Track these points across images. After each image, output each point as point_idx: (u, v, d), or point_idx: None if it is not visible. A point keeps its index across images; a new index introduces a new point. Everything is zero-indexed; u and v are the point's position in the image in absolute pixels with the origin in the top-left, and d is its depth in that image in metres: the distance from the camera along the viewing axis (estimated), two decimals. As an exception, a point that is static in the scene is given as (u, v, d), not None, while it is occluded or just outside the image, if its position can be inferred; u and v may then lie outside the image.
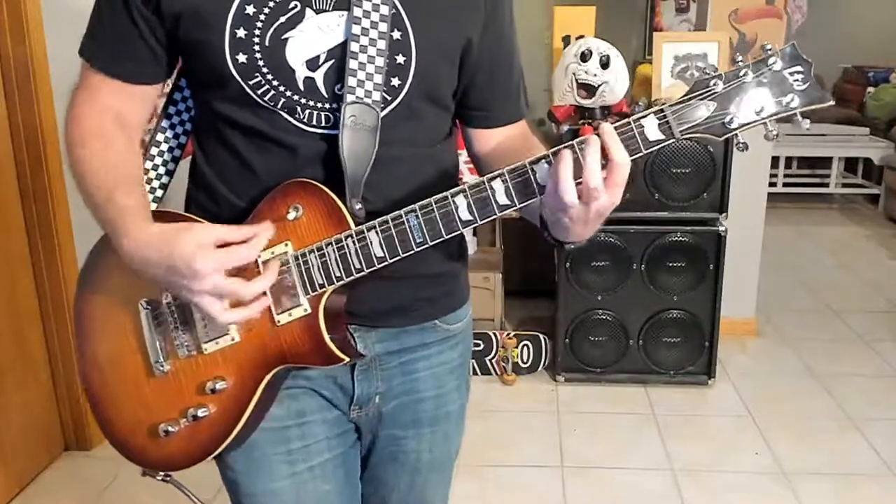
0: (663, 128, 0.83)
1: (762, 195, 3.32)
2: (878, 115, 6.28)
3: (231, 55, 0.87)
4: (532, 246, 3.52)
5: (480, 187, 0.85)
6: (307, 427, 1.02)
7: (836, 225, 5.49)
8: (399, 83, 0.92)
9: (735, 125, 0.82)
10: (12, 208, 2.30)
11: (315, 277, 0.89)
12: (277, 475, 1.02)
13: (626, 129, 0.82)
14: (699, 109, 0.82)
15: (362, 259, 0.88)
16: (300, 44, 0.88)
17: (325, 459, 1.04)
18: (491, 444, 2.60)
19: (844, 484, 2.36)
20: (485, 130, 1.06)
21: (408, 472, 1.11)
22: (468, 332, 1.14)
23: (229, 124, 0.94)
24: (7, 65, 2.23)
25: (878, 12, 7.22)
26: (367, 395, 1.04)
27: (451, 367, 1.10)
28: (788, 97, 0.82)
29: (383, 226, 0.87)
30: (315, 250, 0.89)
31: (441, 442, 1.12)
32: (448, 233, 0.87)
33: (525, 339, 3.08)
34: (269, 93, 0.90)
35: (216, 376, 0.93)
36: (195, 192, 1.01)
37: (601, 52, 2.66)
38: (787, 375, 3.09)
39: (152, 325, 0.95)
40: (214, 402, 0.94)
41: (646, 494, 2.33)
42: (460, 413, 1.15)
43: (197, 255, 0.82)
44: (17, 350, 2.32)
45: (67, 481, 2.41)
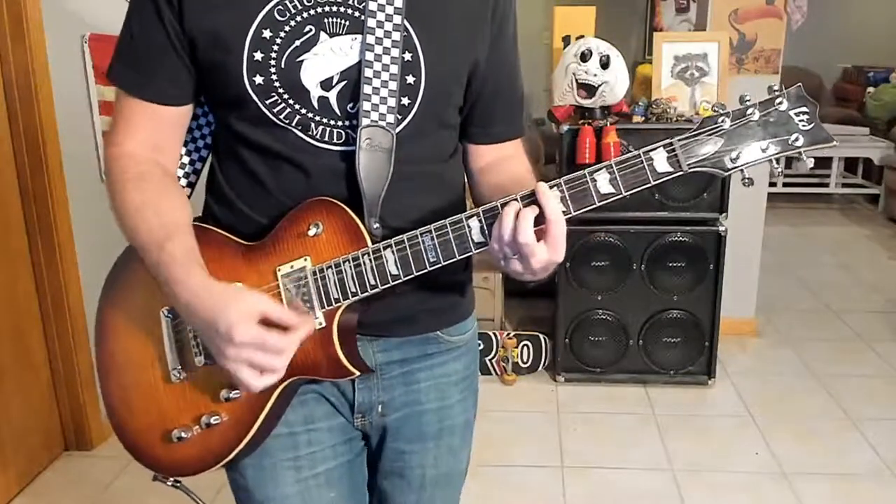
0: (671, 161, 0.87)
1: (762, 195, 3.32)
2: (878, 115, 6.28)
3: (248, 76, 0.91)
4: (532, 246, 3.53)
5: (494, 211, 0.87)
6: (314, 434, 1.03)
7: (836, 225, 5.49)
8: (409, 102, 0.95)
9: (740, 162, 0.87)
10: (12, 208, 2.30)
11: (331, 292, 0.92)
12: (284, 482, 1.03)
13: (635, 160, 0.87)
14: (707, 145, 0.86)
15: (377, 275, 0.91)
16: (315, 66, 0.92)
17: (331, 467, 1.05)
18: (491, 444, 2.60)
19: (844, 484, 2.36)
20: (482, 146, 1.09)
21: (414, 489, 1.12)
22: (473, 344, 1.14)
23: (245, 143, 0.97)
24: (7, 66, 2.23)
25: (878, 12, 7.21)
26: (368, 404, 1.05)
27: (455, 380, 1.11)
28: (793, 136, 0.86)
29: (399, 244, 0.90)
30: (332, 266, 0.92)
31: (446, 456, 1.12)
32: (461, 253, 0.90)
33: (525, 339, 3.08)
34: (285, 111, 0.93)
35: (230, 385, 0.94)
36: (214, 204, 1.03)
37: (601, 52, 2.66)
38: (787, 375, 3.09)
39: (172, 333, 0.98)
40: (227, 410, 0.96)
41: (646, 494, 2.33)
42: (466, 427, 1.15)
43: (239, 327, 0.84)
44: (17, 350, 2.32)
45: (67, 481, 2.41)
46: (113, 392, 1.03)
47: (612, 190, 0.88)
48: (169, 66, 0.95)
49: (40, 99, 2.27)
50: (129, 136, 0.98)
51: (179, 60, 0.94)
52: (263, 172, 0.97)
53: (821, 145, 0.87)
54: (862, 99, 6.63)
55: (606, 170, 0.87)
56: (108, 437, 2.62)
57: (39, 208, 2.34)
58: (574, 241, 2.84)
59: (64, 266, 2.39)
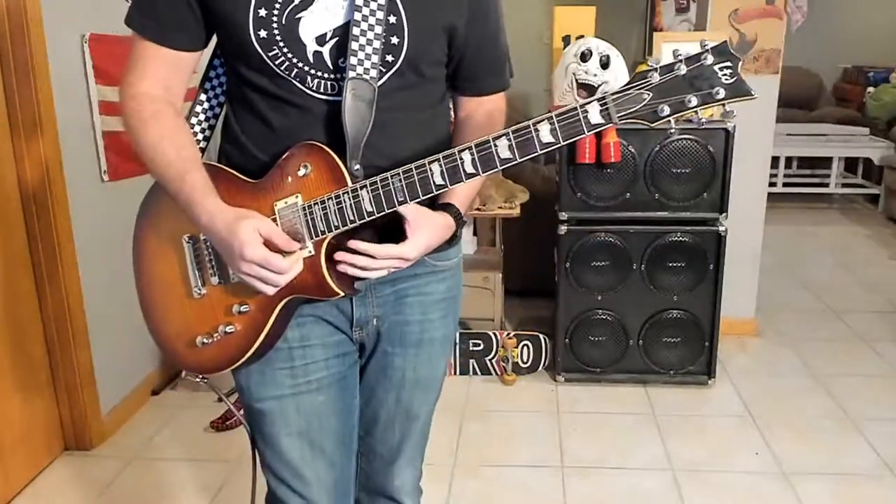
0: (604, 113, 0.96)
1: (762, 195, 3.32)
2: (878, 115, 6.28)
3: (254, 31, 1.05)
4: (532, 246, 3.53)
5: (452, 157, 1.02)
6: (309, 349, 1.20)
7: (836, 225, 5.49)
8: (393, 59, 1.09)
9: (665, 113, 0.94)
10: (12, 208, 2.30)
11: (318, 225, 1.07)
12: (281, 385, 1.20)
13: (573, 113, 0.96)
14: (636, 98, 0.95)
15: (355, 212, 1.05)
16: (311, 22, 1.06)
17: (322, 376, 1.22)
18: (491, 444, 2.60)
19: (844, 484, 2.36)
20: (467, 98, 1.25)
21: (395, 387, 1.29)
22: (457, 270, 1.30)
23: (253, 88, 1.12)
24: (7, 65, 2.23)
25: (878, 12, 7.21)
26: (365, 318, 1.22)
27: (437, 299, 1.26)
28: (716, 89, 0.93)
29: (373, 185, 1.04)
30: (319, 203, 1.06)
31: (425, 364, 1.29)
32: (424, 194, 1.04)
33: (525, 339, 3.08)
34: (285, 63, 1.07)
35: (241, 300, 1.13)
36: (226, 146, 1.19)
37: (601, 52, 2.66)
38: (787, 375, 3.09)
39: (192, 256, 1.16)
40: (240, 321, 1.14)
41: (646, 494, 2.33)
42: (445, 341, 1.32)
43: (248, 247, 1.02)
44: (17, 350, 2.32)
45: (67, 481, 2.41)
46: (150, 304, 1.22)
47: (552, 139, 0.97)
48: (183, 16, 1.09)
49: (40, 99, 2.27)
50: (144, 77, 1.12)
51: (191, 12, 1.09)
52: (270, 115, 1.12)
53: (742, 97, 0.93)
54: (862, 99, 6.63)
55: (548, 121, 0.97)
56: (108, 437, 2.62)
57: (39, 208, 2.34)
58: (574, 241, 2.84)
59: (64, 266, 2.39)
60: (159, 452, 2.53)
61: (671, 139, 2.73)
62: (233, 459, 2.47)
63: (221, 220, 1.05)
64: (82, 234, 2.45)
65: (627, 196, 2.80)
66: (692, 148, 2.75)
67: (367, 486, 1.39)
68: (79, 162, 2.46)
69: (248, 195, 1.11)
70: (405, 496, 1.40)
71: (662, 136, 2.73)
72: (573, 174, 2.79)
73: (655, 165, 2.76)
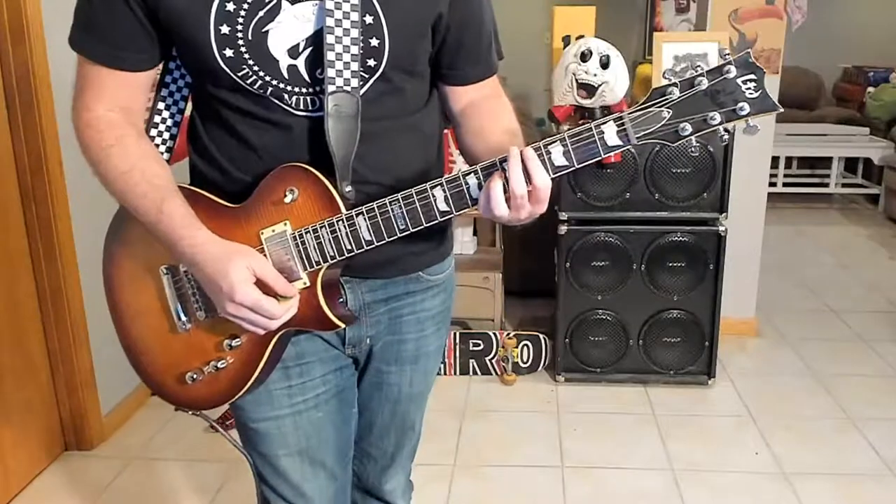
0: (621, 135, 0.89)
1: (762, 195, 3.32)
2: (878, 115, 6.28)
3: (218, 51, 0.94)
4: (532, 246, 3.53)
5: (456, 181, 0.94)
6: (306, 367, 1.14)
7: (836, 225, 5.49)
8: (375, 63, 0.99)
9: (687, 132, 0.88)
10: (12, 208, 2.30)
11: (311, 255, 0.99)
12: (278, 405, 1.15)
13: (587, 134, 0.90)
14: (656, 117, 0.89)
15: (352, 241, 0.98)
16: (280, 35, 0.95)
17: (320, 392, 1.16)
18: (491, 444, 2.60)
19: (844, 484, 2.36)
20: (457, 87, 1.14)
21: (390, 401, 1.26)
22: (450, 282, 1.25)
23: (225, 106, 1.01)
24: (7, 65, 2.23)
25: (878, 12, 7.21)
26: (358, 338, 1.17)
27: (432, 314, 1.22)
28: (740, 105, 0.87)
29: (370, 212, 0.96)
30: (311, 231, 0.98)
31: (421, 377, 1.26)
32: (427, 221, 0.96)
33: (525, 339, 3.08)
34: (258, 82, 0.97)
35: (232, 334, 1.04)
36: (199, 162, 1.08)
37: (601, 52, 2.66)
38: (787, 375, 3.09)
39: (173, 289, 1.07)
40: (232, 355, 1.06)
41: (646, 494, 2.33)
42: (438, 351, 1.28)
43: (239, 288, 0.94)
44: (17, 350, 2.32)
45: (67, 481, 2.41)
46: (127, 337, 1.13)
47: (566, 162, 0.91)
48: (132, 34, 0.97)
49: (40, 99, 2.27)
50: (99, 100, 1.01)
51: (142, 29, 0.97)
52: (248, 133, 1.02)
53: (767, 113, 0.88)
54: (862, 99, 6.63)
55: (560, 143, 0.90)
56: (108, 437, 2.62)
57: (39, 208, 2.34)
58: (574, 241, 2.84)
59: (64, 266, 2.39)
60: (159, 453, 2.53)
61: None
62: (232, 460, 2.46)
63: (208, 254, 0.96)
64: (82, 234, 2.45)
65: (627, 196, 2.80)
66: (692, 148, 2.74)
67: (359, 485, 1.38)
68: (79, 162, 2.42)
69: (229, 222, 1.01)
70: (398, 498, 1.39)
71: (662, 136, 2.73)
72: (573, 174, 2.78)
73: (655, 165, 2.76)
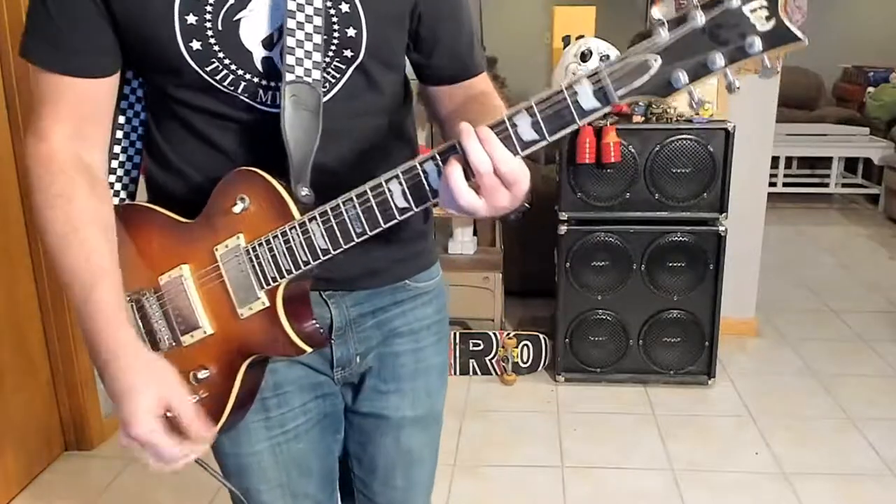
0: (598, 94, 0.73)
1: (762, 195, 3.32)
2: (878, 115, 6.28)
3: (184, 42, 0.84)
4: (532, 246, 3.53)
5: (413, 171, 0.81)
6: (283, 397, 1.04)
7: (836, 225, 5.49)
8: (352, 54, 0.90)
9: (682, 82, 0.70)
10: (12, 208, 2.30)
11: (267, 271, 0.88)
12: (256, 439, 1.05)
13: (558, 97, 0.74)
14: (640, 67, 0.70)
15: (307, 251, 0.86)
16: (253, 23, 0.86)
17: (300, 423, 1.06)
18: (491, 444, 2.60)
19: (844, 484, 2.36)
20: (442, 88, 1.06)
21: (392, 428, 1.13)
22: (440, 290, 1.15)
23: (188, 107, 0.91)
24: (7, 66, 2.23)
25: (878, 12, 7.22)
26: (347, 357, 1.06)
27: (428, 324, 1.12)
28: (749, 40, 0.67)
29: (323, 216, 0.85)
30: (264, 243, 0.88)
31: (423, 398, 1.14)
32: (386, 221, 0.83)
33: (525, 339, 3.08)
34: (228, 77, 0.87)
35: (199, 365, 0.94)
36: (158, 173, 0.98)
37: (601, 52, 2.66)
38: (787, 375, 3.09)
39: (137, 317, 0.96)
40: (202, 388, 0.95)
41: (646, 494, 2.33)
42: (441, 369, 1.16)
43: (135, 422, 0.84)
44: (17, 350, 2.32)
45: (67, 481, 2.41)
46: None
47: (535, 136, 0.75)
48: (90, 32, 0.86)
49: (40, 99, 2.27)
50: (55, 122, 0.89)
51: (100, 23, 0.85)
52: (213, 134, 0.92)
53: (787, 45, 0.67)
54: (862, 99, 6.63)
55: (527, 111, 0.75)
56: (108, 437, 2.62)
57: (39, 208, 2.33)
58: (574, 241, 2.84)
59: (64, 266, 2.39)
60: (159, 452, 2.53)
61: (671, 139, 2.73)
62: (233, 459, 2.46)
63: (121, 366, 0.86)
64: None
65: (627, 196, 2.80)
66: (692, 148, 2.75)
67: None
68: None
69: (184, 241, 0.92)
70: None
71: (663, 136, 2.73)
72: (573, 174, 2.79)
73: (655, 165, 2.76)
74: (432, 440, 1.20)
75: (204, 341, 0.94)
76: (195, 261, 0.92)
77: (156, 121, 0.96)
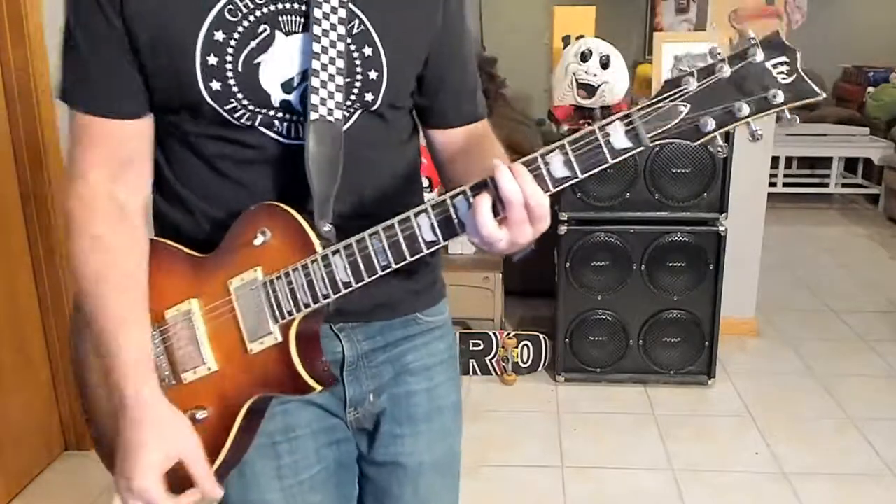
0: (630, 135, 0.76)
1: (762, 195, 3.32)
2: (878, 115, 6.28)
3: (204, 83, 0.86)
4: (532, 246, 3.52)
5: (443, 206, 0.81)
6: (296, 442, 1.00)
7: (836, 225, 5.49)
8: (373, 98, 0.92)
9: (710, 128, 0.76)
10: (12, 208, 2.30)
11: (283, 304, 0.87)
12: (267, 489, 1.01)
13: (591, 138, 0.77)
14: (670, 112, 0.76)
15: (328, 284, 0.85)
16: (273, 67, 0.87)
17: (315, 472, 1.02)
18: (491, 444, 2.60)
19: (844, 484, 2.36)
20: (444, 132, 1.06)
21: (410, 477, 1.09)
22: (449, 327, 1.13)
23: (203, 138, 0.91)
24: (7, 66, 2.23)
25: (878, 12, 7.21)
26: (360, 396, 1.03)
27: (441, 360, 1.10)
28: (772, 93, 0.73)
29: (348, 249, 0.84)
30: (283, 276, 0.87)
31: (439, 440, 1.10)
32: (412, 255, 0.83)
33: (525, 339, 3.08)
34: (245, 115, 0.89)
35: (197, 406, 0.91)
36: (166, 206, 0.98)
37: (601, 52, 2.66)
38: (787, 375, 3.09)
39: None
40: (198, 430, 0.91)
41: (646, 494, 2.33)
42: (456, 409, 1.13)
43: (137, 479, 0.85)
44: (17, 350, 2.32)
45: (67, 481, 2.41)
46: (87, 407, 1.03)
47: (567, 173, 0.78)
48: (125, 77, 0.88)
49: (40, 99, 2.27)
50: (94, 166, 0.91)
51: (132, 67, 0.88)
52: (229, 168, 0.92)
53: (806, 100, 0.74)
54: (862, 99, 6.63)
55: (560, 151, 0.77)
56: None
57: (39, 208, 2.34)
58: (574, 241, 2.84)
59: (64, 266, 2.39)
60: (159, 452, 2.53)
61: (671, 139, 2.73)
62: (233, 459, 2.47)
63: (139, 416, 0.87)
64: (82, 234, 2.45)
65: (627, 196, 2.80)
66: (692, 148, 2.75)
67: None
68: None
69: (195, 275, 0.92)
70: None
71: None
72: (573, 174, 2.78)
73: (655, 165, 2.76)
74: (452, 486, 1.16)
75: (205, 379, 0.92)
76: (205, 295, 0.91)
77: (166, 156, 0.96)
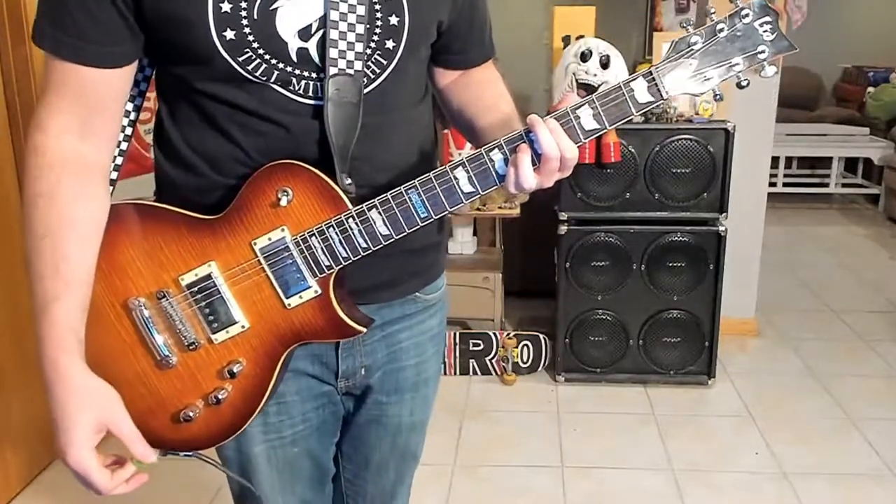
0: (652, 90, 0.87)
1: (762, 195, 3.32)
2: (878, 115, 6.28)
3: (217, 31, 0.82)
4: (532, 246, 3.53)
5: (480, 160, 0.88)
6: (284, 406, 1.04)
7: (836, 225, 5.49)
8: (394, 45, 0.91)
9: (714, 80, 0.88)
10: (12, 208, 2.30)
11: (321, 260, 0.90)
12: (251, 441, 1.05)
13: (616, 94, 0.86)
14: (683, 68, 0.87)
15: (367, 238, 0.89)
16: (290, 14, 0.84)
17: (298, 430, 1.07)
18: (491, 444, 2.60)
19: (844, 484, 2.36)
20: (454, 74, 1.09)
21: (390, 433, 1.15)
22: (445, 300, 1.17)
23: (212, 100, 0.89)
24: (7, 66, 2.23)
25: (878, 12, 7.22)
26: (352, 369, 1.06)
27: (431, 336, 1.14)
28: (759, 48, 0.87)
29: (384, 204, 0.88)
30: (316, 233, 0.89)
31: (421, 406, 1.17)
32: (451, 206, 0.89)
33: (525, 339, 3.08)
34: (261, 67, 0.86)
35: (232, 360, 0.93)
36: (170, 168, 0.95)
37: (601, 52, 2.66)
38: (787, 375, 3.09)
39: (151, 321, 0.92)
40: (233, 383, 0.94)
41: (646, 494, 2.33)
42: (437, 376, 1.20)
43: (71, 452, 0.89)
44: (17, 350, 2.32)
45: (67, 481, 2.40)
46: None
47: (597, 125, 0.87)
48: (108, 23, 0.83)
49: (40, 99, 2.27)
50: (58, 113, 0.87)
51: (120, 15, 0.83)
52: (237, 132, 0.90)
53: (784, 53, 0.88)
54: (862, 99, 6.63)
55: (589, 105, 0.87)
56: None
57: (39, 208, 2.33)
58: (574, 241, 2.84)
59: (64, 266, 2.39)
60: (159, 452, 2.53)
61: (672, 139, 2.73)
62: (233, 459, 2.46)
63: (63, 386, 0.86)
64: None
65: (627, 196, 2.80)
66: (692, 148, 2.75)
67: None
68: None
69: (208, 237, 0.90)
70: None
71: (663, 136, 2.74)
72: (573, 174, 2.78)
73: (655, 165, 2.76)
74: (422, 436, 1.23)
75: (239, 336, 0.93)
76: (224, 257, 0.90)
77: (172, 113, 0.93)
